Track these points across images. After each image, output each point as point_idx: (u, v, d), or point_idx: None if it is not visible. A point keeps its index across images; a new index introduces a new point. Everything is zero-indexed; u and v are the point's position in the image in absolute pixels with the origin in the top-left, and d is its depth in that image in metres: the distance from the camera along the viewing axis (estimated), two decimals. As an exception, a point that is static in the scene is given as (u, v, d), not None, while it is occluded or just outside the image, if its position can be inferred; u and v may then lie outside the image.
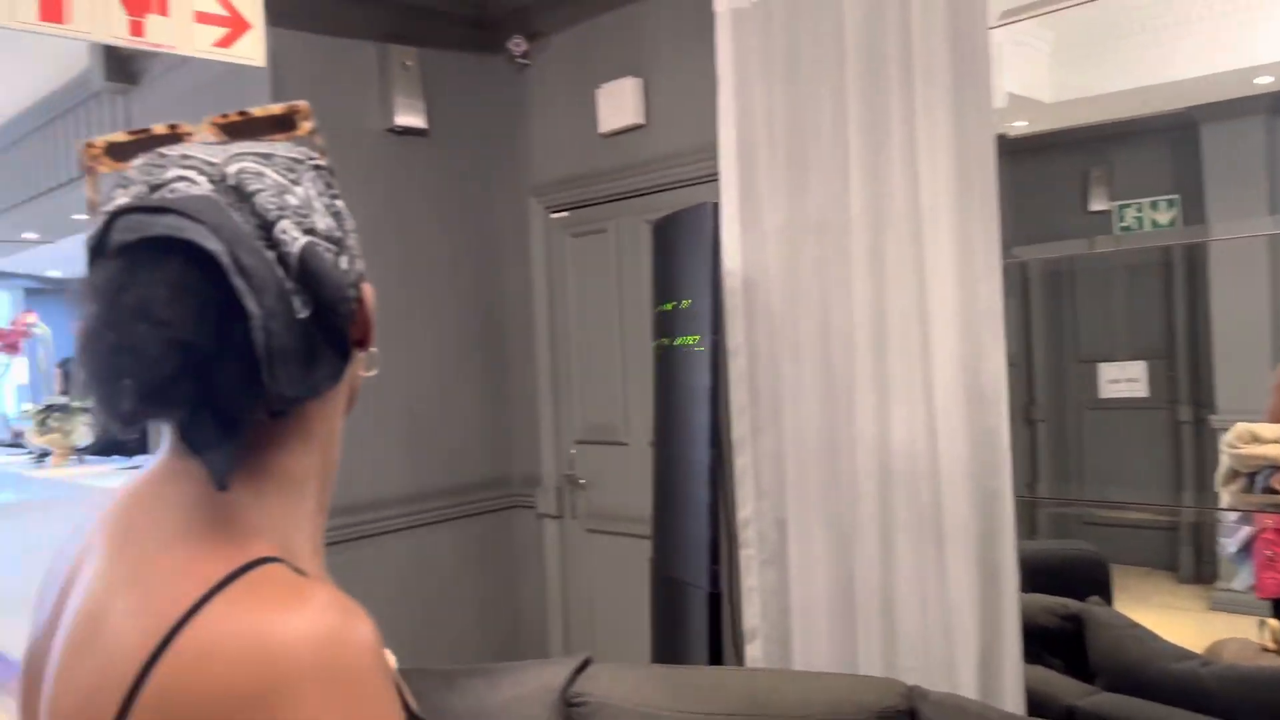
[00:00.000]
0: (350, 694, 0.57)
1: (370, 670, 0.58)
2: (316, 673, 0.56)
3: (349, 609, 0.60)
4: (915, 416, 2.32)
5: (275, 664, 0.55)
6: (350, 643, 0.58)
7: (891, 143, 2.34)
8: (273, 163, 0.68)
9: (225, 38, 2.44)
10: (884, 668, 2.35)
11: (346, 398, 0.74)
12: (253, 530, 0.63)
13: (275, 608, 0.58)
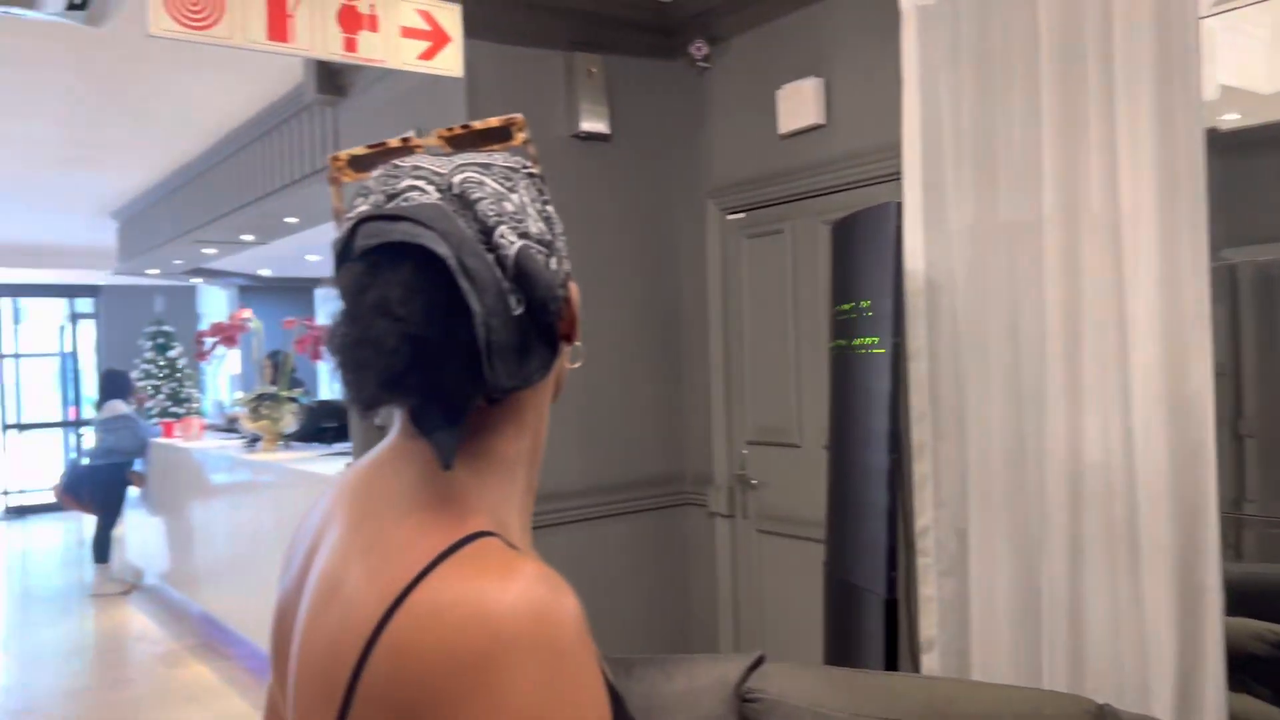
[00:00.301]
0: (557, 662, 0.61)
1: (576, 641, 0.63)
2: (527, 641, 0.61)
3: (556, 583, 0.64)
4: (1110, 428, 2.22)
5: (491, 631, 0.61)
6: (557, 614, 0.63)
7: (1089, 139, 2.24)
8: (492, 172, 0.74)
9: (428, 51, 2.60)
10: (1070, 686, 2.26)
11: (554, 388, 0.79)
12: (471, 507, 0.69)
13: (491, 578, 0.63)
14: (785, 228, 3.38)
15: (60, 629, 6.14)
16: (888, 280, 2.42)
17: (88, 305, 11.85)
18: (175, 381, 10.66)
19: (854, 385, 2.57)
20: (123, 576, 7.23)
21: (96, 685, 5.00)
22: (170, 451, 6.65)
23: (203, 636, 5.76)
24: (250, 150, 5.48)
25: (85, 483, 7.17)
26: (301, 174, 4.80)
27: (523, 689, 0.60)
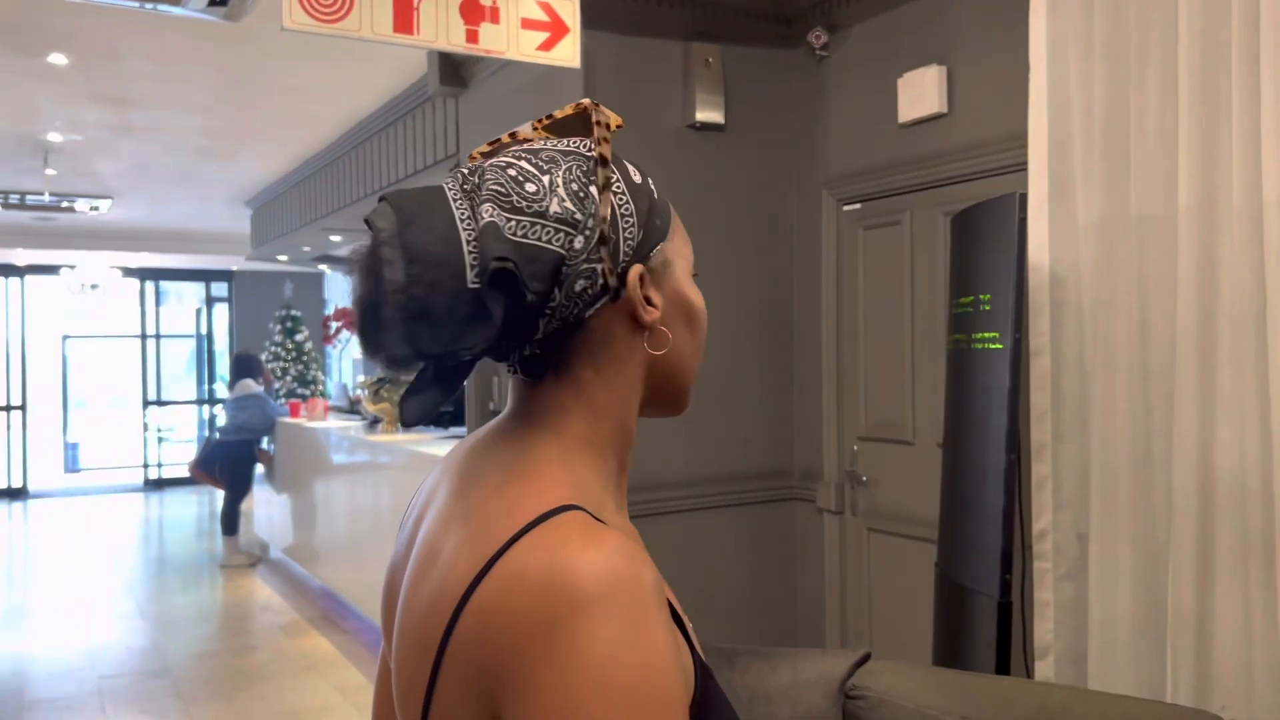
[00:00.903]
0: (628, 624, 0.64)
1: (649, 606, 0.65)
2: (600, 604, 0.63)
3: (635, 554, 0.67)
4: (1246, 432, 2.11)
5: (567, 596, 0.64)
6: (632, 581, 0.65)
7: (1230, 129, 2.13)
8: (537, 156, 0.77)
9: (546, 42, 2.63)
10: (1194, 701, 2.16)
11: (639, 375, 0.80)
12: (560, 483, 0.73)
13: (572, 547, 0.66)
14: (903, 219, 3.31)
15: (192, 596, 6.48)
16: (1010, 274, 2.35)
17: (222, 289, 12.45)
18: (302, 364, 11.12)
19: (972, 382, 2.50)
20: (250, 549, 7.59)
21: (224, 651, 5.26)
22: (296, 431, 6.93)
23: (322, 609, 6.00)
24: (375, 141, 5.66)
25: (216, 458, 7.54)
26: (424, 164, 4.93)
27: (594, 649, 0.63)
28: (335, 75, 4.76)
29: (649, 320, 0.78)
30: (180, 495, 11.06)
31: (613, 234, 0.76)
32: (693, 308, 0.82)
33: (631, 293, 0.77)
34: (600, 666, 0.63)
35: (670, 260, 0.81)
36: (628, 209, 0.79)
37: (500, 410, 3.87)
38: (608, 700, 0.62)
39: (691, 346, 0.83)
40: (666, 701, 0.64)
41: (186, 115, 5.52)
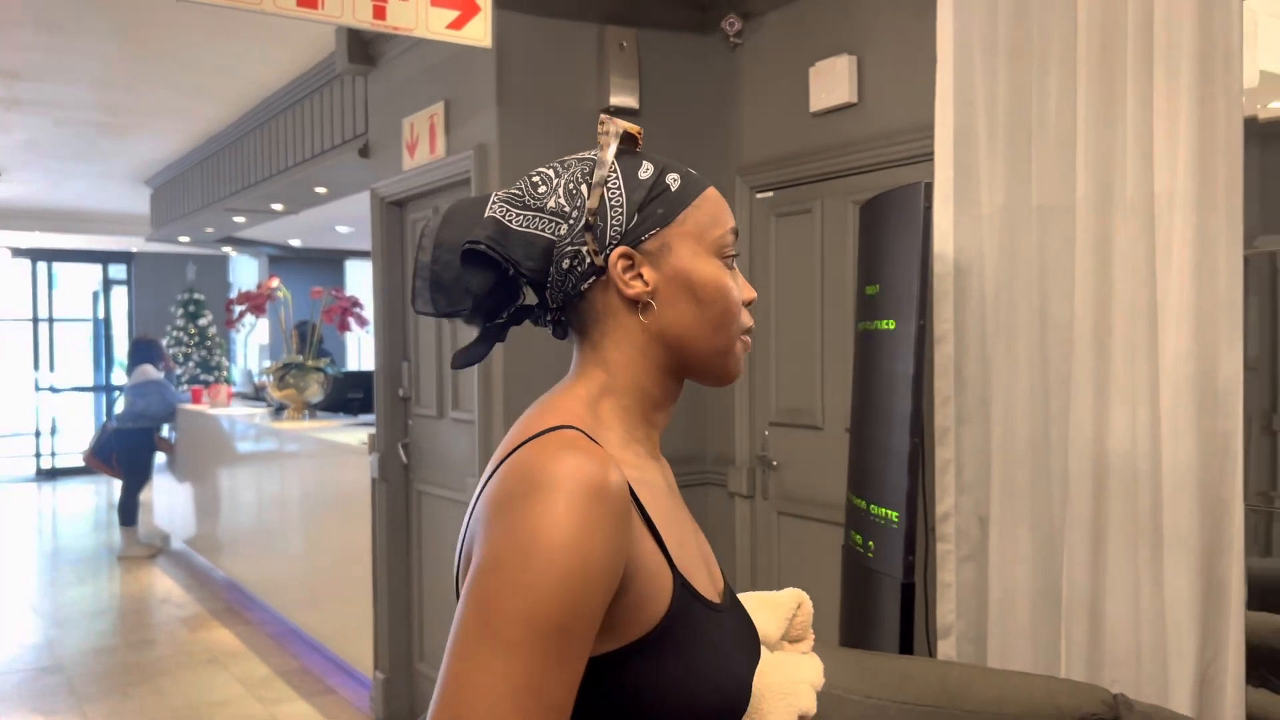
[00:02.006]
0: (568, 510, 0.78)
1: (596, 505, 0.79)
2: (553, 490, 0.79)
3: (602, 466, 0.81)
4: (1138, 416, 2.19)
5: (532, 479, 0.80)
6: (587, 480, 0.80)
7: (1125, 123, 2.20)
8: (563, 163, 0.99)
9: (457, 20, 2.58)
10: (1087, 676, 2.24)
11: (643, 341, 0.97)
12: (572, 413, 0.92)
13: (552, 449, 0.83)
14: (814, 207, 3.35)
15: (87, 590, 6.25)
16: (915, 262, 2.39)
17: (121, 271, 11.99)
18: (205, 349, 10.79)
19: (878, 367, 2.55)
20: (149, 541, 7.34)
21: (120, 645, 5.09)
22: (198, 418, 6.72)
23: (226, 601, 5.84)
24: (281, 119, 5.50)
25: (113, 447, 7.27)
26: (332, 143, 4.81)
27: (531, 520, 0.78)
28: (239, 50, 4.61)
29: (630, 294, 0.95)
30: (75, 485, 10.65)
31: (600, 222, 0.94)
32: (697, 284, 0.95)
33: (612, 270, 0.94)
34: (531, 532, 0.77)
35: (670, 244, 0.95)
36: (618, 201, 0.95)
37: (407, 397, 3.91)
38: (526, 558, 0.77)
39: (696, 319, 0.96)
40: (575, 577, 0.77)
41: (80, 89, 5.29)
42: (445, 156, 3.63)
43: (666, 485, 0.98)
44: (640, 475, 0.92)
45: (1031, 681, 1.61)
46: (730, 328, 0.97)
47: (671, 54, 3.58)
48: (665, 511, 0.93)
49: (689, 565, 0.92)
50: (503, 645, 0.75)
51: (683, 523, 0.97)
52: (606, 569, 0.79)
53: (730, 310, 0.97)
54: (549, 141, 3.35)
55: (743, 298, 0.99)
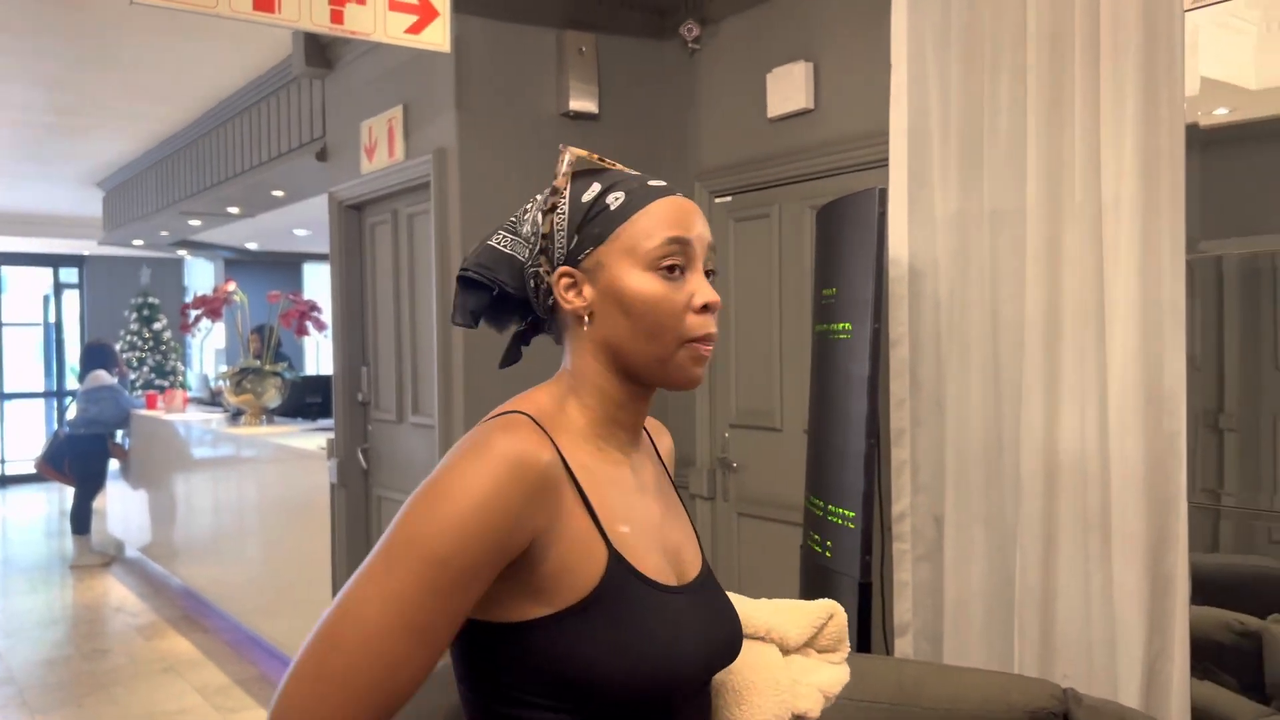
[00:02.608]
0: (478, 473, 0.91)
1: (507, 475, 0.91)
2: (474, 456, 0.92)
3: (527, 446, 0.93)
4: (1087, 416, 2.24)
5: (463, 448, 0.94)
6: (505, 453, 0.92)
7: (1074, 130, 2.25)
8: (544, 192, 1.10)
9: (415, 25, 2.58)
10: (1039, 671, 2.29)
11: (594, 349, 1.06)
12: (532, 406, 1.03)
13: (493, 428, 0.96)
14: (772, 211, 3.39)
15: (39, 599, 6.13)
16: (870, 266, 2.43)
17: (73, 275, 11.77)
18: (160, 354, 10.62)
19: (835, 370, 2.58)
20: (103, 548, 7.22)
21: (75, 655, 5.00)
22: (153, 424, 6.63)
23: (182, 609, 5.76)
24: (238, 122, 5.44)
25: (65, 453, 7.13)
26: (289, 147, 4.77)
27: (448, 474, 0.91)
28: (193, 52, 4.56)
29: (570, 310, 1.05)
30: (26, 493, 10.44)
31: (549, 244, 1.05)
32: (625, 298, 1.02)
33: (555, 288, 1.05)
34: (446, 482, 0.91)
35: (604, 260, 1.03)
36: (563, 225, 1.05)
37: (366, 402, 3.89)
38: (433, 499, 0.90)
39: (629, 330, 1.02)
40: (467, 521, 0.89)
41: (30, 89, 5.19)
42: (404, 160, 3.62)
43: (638, 478, 1.08)
44: (594, 464, 1.02)
45: (985, 678, 1.65)
46: (664, 337, 1.02)
47: (630, 59, 3.60)
48: (617, 497, 1.02)
49: (636, 546, 1.00)
50: (390, 560, 0.89)
51: (645, 510, 1.06)
52: (501, 528, 0.90)
53: (661, 321, 1.01)
54: (509, 146, 3.35)
55: (695, 304, 1.02)
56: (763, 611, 1.20)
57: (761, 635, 1.18)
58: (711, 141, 3.57)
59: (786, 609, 1.20)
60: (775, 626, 1.18)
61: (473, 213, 3.31)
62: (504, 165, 3.34)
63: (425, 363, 3.71)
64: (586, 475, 1.00)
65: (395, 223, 3.92)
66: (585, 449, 1.03)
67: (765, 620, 1.19)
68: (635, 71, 3.62)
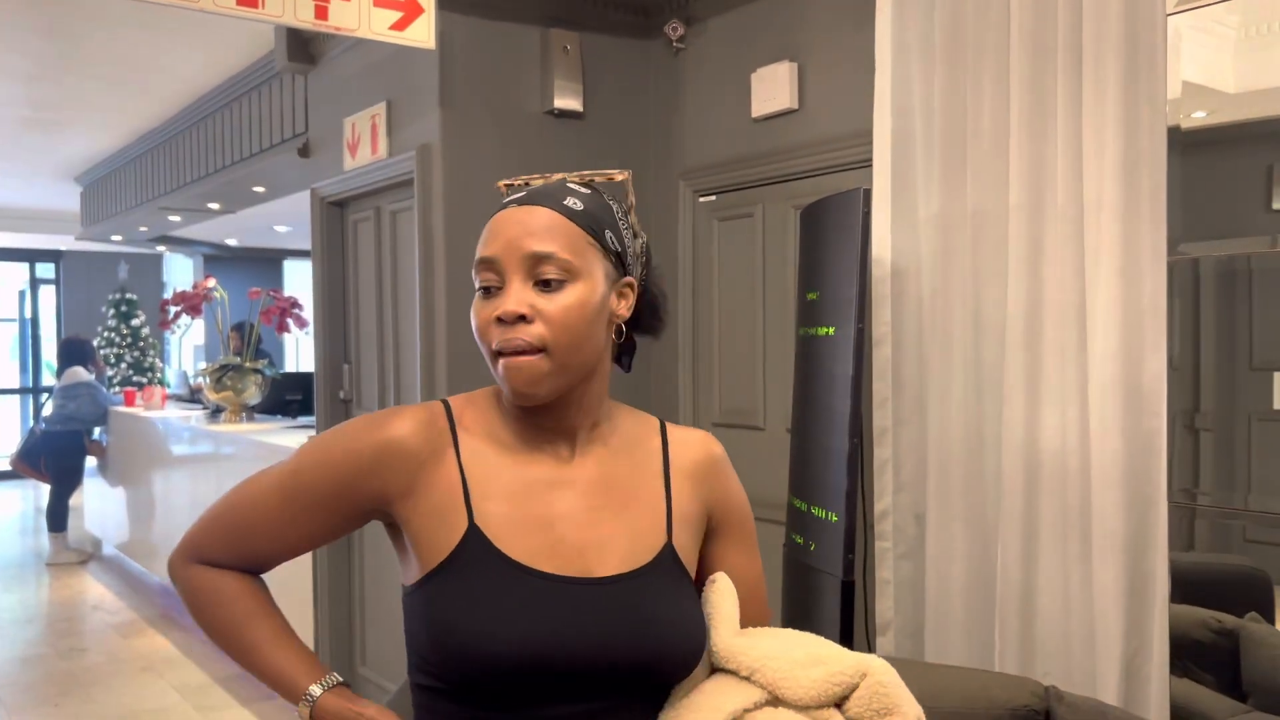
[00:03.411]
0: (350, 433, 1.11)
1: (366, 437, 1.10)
2: (357, 420, 1.13)
3: (412, 421, 1.10)
4: (1067, 415, 2.26)
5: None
6: (375, 422, 1.10)
7: (1056, 132, 2.27)
8: None
9: (400, 21, 2.57)
10: (1020, 669, 2.31)
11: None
12: (467, 395, 1.17)
13: (401, 408, 1.13)
14: (756, 211, 3.39)
15: (15, 597, 6.07)
16: (854, 266, 2.44)
17: (49, 270, 11.65)
18: (138, 350, 10.52)
19: (818, 369, 2.59)
20: (79, 546, 7.16)
21: (50, 654, 4.96)
22: (131, 421, 6.57)
23: (161, 607, 5.72)
24: (218, 117, 5.41)
25: (41, 450, 7.06)
26: (271, 143, 4.74)
27: (336, 428, 1.14)
28: (173, 45, 4.52)
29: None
30: (1, 490, 10.33)
31: None
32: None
33: None
34: (328, 432, 1.14)
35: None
36: None
37: (348, 399, 3.88)
38: (316, 442, 1.14)
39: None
40: (319, 451, 1.11)
41: (6, 83, 5.14)
42: (387, 157, 3.60)
43: (568, 473, 1.12)
44: (495, 453, 1.10)
45: (966, 675, 1.66)
46: (485, 353, 1.08)
47: (615, 58, 3.60)
48: (508, 484, 1.09)
49: (507, 528, 1.06)
50: (281, 465, 1.14)
51: (550, 502, 1.09)
52: (343, 470, 1.08)
53: (478, 339, 1.08)
54: (492, 143, 3.35)
55: (494, 315, 1.06)
56: (760, 651, 1.05)
57: (745, 675, 1.04)
58: (696, 141, 3.57)
59: (799, 658, 1.03)
60: (766, 670, 1.02)
61: (456, 210, 3.30)
62: (488, 162, 3.33)
63: (408, 360, 3.70)
64: (476, 459, 1.09)
65: (378, 219, 3.91)
66: (493, 437, 1.11)
67: (758, 659, 1.04)
68: (620, 70, 3.62)
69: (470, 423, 1.12)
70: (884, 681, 1.01)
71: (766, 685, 1.01)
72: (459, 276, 3.28)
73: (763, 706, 1.01)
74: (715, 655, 1.07)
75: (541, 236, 1.06)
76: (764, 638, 1.09)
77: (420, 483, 1.07)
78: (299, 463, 1.12)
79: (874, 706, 1.00)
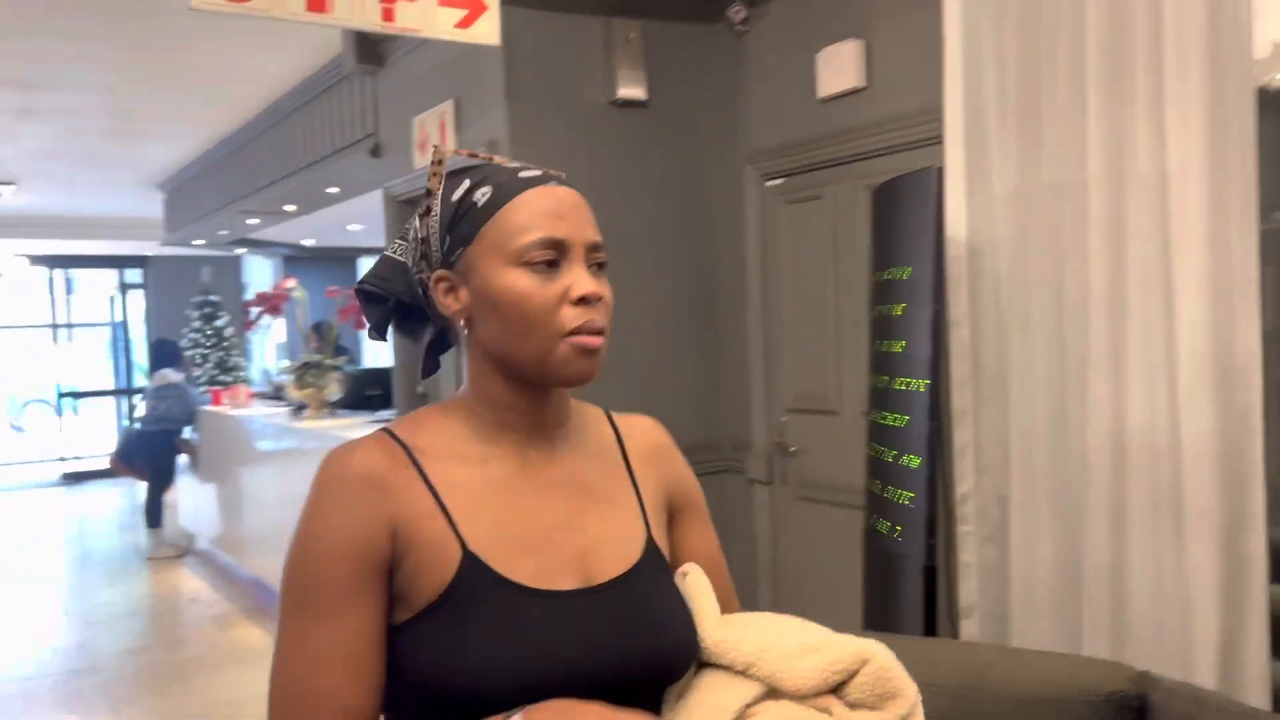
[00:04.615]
0: (311, 500, 0.98)
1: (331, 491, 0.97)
2: (314, 484, 0.99)
3: (358, 453, 0.98)
4: (1156, 392, 2.19)
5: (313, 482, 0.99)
6: (331, 470, 0.98)
7: (1136, 98, 2.19)
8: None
9: (465, 19, 2.60)
10: (1110, 653, 2.25)
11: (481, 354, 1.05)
12: (410, 419, 1.05)
13: (326, 457, 1.00)
14: (825, 193, 3.35)
15: (119, 591, 6.32)
16: (929, 246, 2.40)
17: (137, 276, 12.07)
18: (222, 350, 10.84)
19: (894, 352, 2.55)
20: (175, 541, 7.42)
21: (153, 645, 5.15)
22: (219, 419, 6.77)
23: (253, 599, 5.90)
24: (292, 120, 5.52)
25: (136, 450, 7.33)
26: (342, 144, 4.83)
27: (302, 512, 0.98)
28: (247, 53, 4.63)
29: (448, 315, 1.03)
30: (100, 489, 10.74)
31: (428, 249, 1.03)
32: (495, 298, 0.98)
33: (433, 294, 1.02)
34: (297, 525, 0.98)
35: (474, 261, 0.99)
36: (436, 227, 1.02)
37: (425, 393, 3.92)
38: (292, 546, 0.97)
39: (502, 331, 0.99)
40: (310, 547, 0.96)
41: (91, 96, 5.32)
42: (456, 154, 3.64)
43: (541, 478, 1.03)
44: (464, 470, 1.00)
45: (1056, 661, 1.63)
46: (538, 333, 0.97)
47: (678, 44, 3.59)
48: (488, 500, 1.00)
49: (502, 548, 0.97)
50: (282, 614, 0.96)
51: (534, 511, 1.01)
52: (346, 538, 0.95)
53: (532, 317, 0.97)
54: (559, 136, 3.36)
55: (571, 295, 0.98)
56: (753, 642, 1.00)
57: (740, 669, 0.99)
58: (761, 124, 3.54)
59: (791, 647, 0.99)
60: (763, 663, 0.97)
61: (525, 204, 3.32)
62: (555, 156, 3.35)
63: (482, 354, 3.74)
64: (447, 481, 0.99)
65: (449, 216, 3.95)
66: (458, 456, 1.01)
67: (753, 652, 0.99)
68: (683, 56, 3.60)
69: (426, 445, 1.00)
70: (886, 666, 0.98)
71: (764, 678, 0.97)
72: (530, 269, 3.30)
73: (763, 700, 0.97)
74: (704, 650, 1.02)
75: (593, 224, 1.03)
76: (750, 628, 1.03)
77: (405, 511, 0.96)
78: (303, 587, 0.95)
79: (877, 692, 0.98)
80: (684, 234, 3.65)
